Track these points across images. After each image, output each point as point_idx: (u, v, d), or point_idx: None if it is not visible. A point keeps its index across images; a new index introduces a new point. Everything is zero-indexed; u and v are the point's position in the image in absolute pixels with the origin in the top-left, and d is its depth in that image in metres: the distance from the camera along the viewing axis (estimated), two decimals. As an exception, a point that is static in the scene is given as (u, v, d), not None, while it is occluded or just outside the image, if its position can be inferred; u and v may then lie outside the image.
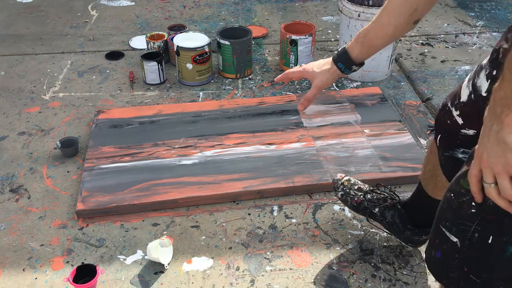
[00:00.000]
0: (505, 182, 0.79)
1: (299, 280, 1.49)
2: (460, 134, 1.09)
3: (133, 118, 2.13)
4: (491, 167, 0.81)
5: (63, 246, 1.61)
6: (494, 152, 0.79)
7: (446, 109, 1.11)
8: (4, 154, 2.00)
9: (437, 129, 1.18)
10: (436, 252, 0.94)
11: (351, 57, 1.15)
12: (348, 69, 1.18)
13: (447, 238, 0.90)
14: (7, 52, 2.76)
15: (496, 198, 0.82)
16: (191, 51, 2.34)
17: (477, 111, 0.94)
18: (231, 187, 1.76)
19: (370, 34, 1.13)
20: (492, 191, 0.82)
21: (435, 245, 0.95)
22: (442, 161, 1.17)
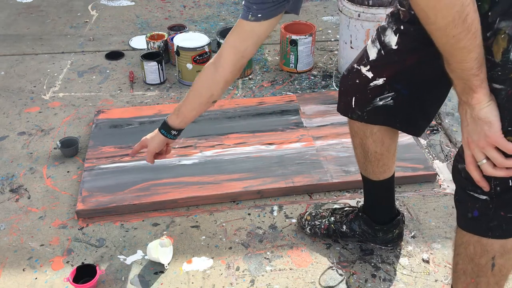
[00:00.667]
0: (492, 152, 0.91)
1: (299, 280, 1.49)
2: (370, 87, 1.21)
3: (133, 118, 2.13)
4: (476, 145, 0.92)
5: (63, 246, 1.61)
6: (473, 131, 0.92)
7: (353, 71, 1.25)
8: (4, 154, 2.00)
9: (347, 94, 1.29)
10: (473, 212, 1.02)
11: (170, 125, 1.41)
12: (169, 134, 1.43)
13: (477, 199, 1.00)
14: (7, 52, 2.76)
15: (493, 172, 0.93)
16: (191, 51, 2.34)
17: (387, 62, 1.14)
18: (231, 187, 1.76)
19: (182, 109, 1.38)
20: (486, 166, 0.93)
21: (469, 208, 1.03)
22: (366, 116, 1.26)
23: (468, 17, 0.80)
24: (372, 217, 1.53)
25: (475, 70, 0.86)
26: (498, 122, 0.89)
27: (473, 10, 0.80)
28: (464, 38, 0.82)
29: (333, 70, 2.58)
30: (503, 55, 0.84)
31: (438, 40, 0.86)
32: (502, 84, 0.87)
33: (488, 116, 0.89)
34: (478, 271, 1.06)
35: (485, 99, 0.89)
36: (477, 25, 0.82)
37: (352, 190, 1.81)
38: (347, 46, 2.41)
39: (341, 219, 1.59)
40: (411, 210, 1.73)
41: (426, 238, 1.63)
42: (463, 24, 0.80)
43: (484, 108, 0.89)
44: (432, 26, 0.83)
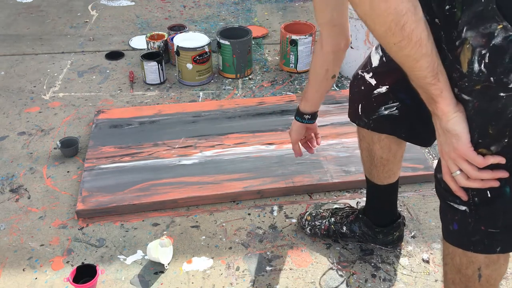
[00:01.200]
0: (464, 165, 0.90)
1: (299, 280, 1.49)
2: (374, 95, 1.22)
3: (133, 118, 2.13)
4: (448, 157, 0.91)
5: (63, 246, 1.61)
6: (444, 143, 0.91)
7: (358, 77, 1.26)
8: (4, 154, 2.00)
9: (354, 101, 1.30)
10: (453, 225, 1.00)
11: (301, 111, 1.42)
12: (304, 119, 1.44)
13: (456, 210, 0.98)
14: (7, 52, 2.76)
15: (467, 183, 0.92)
16: (191, 51, 2.34)
17: (387, 69, 1.12)
18: (231, 187, 1.76)
19: (306, 93, 1.38)
20: (460, 178, 0.92)
21: (449, 220, 1.01)
22: (372, 124, 1.27)
23: (406, 26, 0.79)
24: (373, 219, 1.53)
25: (430, 79, 0.84)
26: (465, 135, 0.87)
27: (413, 19, 0.79)
28: (406, 46, 0.81)
29: (333, 70, 2.57)
30: (468, 66, 0.82)
31: (385, 48, 0.85)
32: (469, 96, 0.85)
33: (455, 129, 0.88)
34: (466, 281, 1.05)
35: (451, 110, 0.87)
36: (420, 34, 0.80)
37: (352, 190, 1.81)
38: (347, 46, 2.41)
39: (341, 220, 1.59)
40: (411, 210, 1.73)
41: (426, 238, 1.63)
42: (401, 32, 0.79)
43: (450, 119, 0.87)
44: (374, 33, 0.83)
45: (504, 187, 0.91)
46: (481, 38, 0.79)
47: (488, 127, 0.85)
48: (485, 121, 0.85)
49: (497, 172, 0.89)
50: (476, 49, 0.80)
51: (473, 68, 0.81)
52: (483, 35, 0.78)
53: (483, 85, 0.82)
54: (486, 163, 0.88)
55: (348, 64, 2.46)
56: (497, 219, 0.94)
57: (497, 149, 0.87)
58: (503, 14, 0.76)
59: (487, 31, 0.78)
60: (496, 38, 0.77)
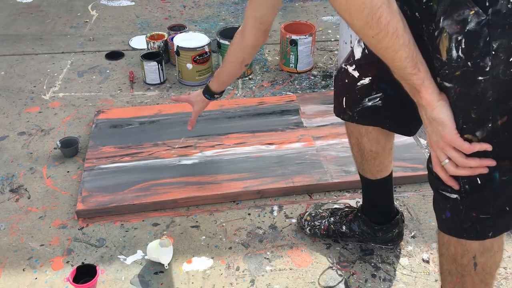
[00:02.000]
0: (452, 152, 0.91)
1: (299, 280, 1.49)
2: (357, 87, 1.23)
3: (133, 118, 2.13)
4: (437, 146, 0.93)
5: (63, 246, 1.61)
6: (432, 132, 0.93)
7: (342, 71, 1.27)
8: (4, 154, 2.00)
9: (339, 95, 1.31)
10: (445, 213, 1.02)
11: (211, 90, 1.63)
12: (212, 97, 1.65)
13: (447, 198, 1.00)
14: (7, 52, 2.76)
15: (456, 171, 0.93)
16: (191, 51, 2.34)
17: (370, 61, 1.13)
18: (231, 187, 1.77)
19: (219, 74, 1.57)
20: (449, 166, 0.93)
21: (442, 209, 1.03)
22: (356, 117, 1.28)
23: (382, 19, 0.82)
24: (371, 217, 1.53)
25: (410, 69, 0.87)
26: (451, 121, 0.90)
27: (388, 11, 0.82)
28: (384, 38, 0.83)
29: (333, 70, 2.58)
30: (447, 53, 0.85)
31: (365, 42, 0.88)
32: (450, 83, 0.88)
33: (440, 117, 0.90)
34: (462, 270, 1.06)
35: (434, 99, 0.89)
36: (396, 25, 0.83)
37: (352, 190, 1.81)
38: (347, 46, 2.41)
39: (341, 219, 1.59)
40: (411, 210, 1.73)
41: (426, 238, 1.63)
42: (377, 25, 0.82)
43: (435, 108, 0.90)
44: (352, 27, 0.86)
45: (493, 172, 0.92)
46: (456, 25, 0.81)
47: (470, 111, 0.87)
48: (468, 106, 0.87)
49: (484, 160, 0.90)
50: (452, 36, 0.82)
51: (452, 55, 0.84)
52: (458, 22, 0.81)
53: (462, 70, 0.84)
54: (473, 149, 0.89)
55: (348, 64, 2.46)
56: (488, 205, 0.96)
57: (482, 134, 0.89)
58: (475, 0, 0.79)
59: (461, 17, 0.81)
60: (469, 24, 0.80)
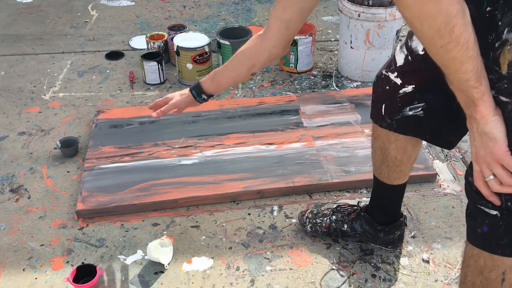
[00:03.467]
0: (498, 170, 0.89)
1: (299, 280, 1.49)
2: (399, 94, 1.19)
3: (133, 118, 2.13)
4: (483, 161, 0.90)
5: (63, 246, 1.61)
6: (480, 147, 0.90)
7: (382, 77, 1.23)
8: (4, 154, 2.00)
9: (378, 101, 1.28)
10: (482, 228, 0.99)
11: (203, 89, 1.38)
12: (199, 97, 1.41)
13: (487, 214, 0.96)
14: (7, 52, 2.76)
15: (500, 188, 0.90)
16: (191, 51, 2.34)
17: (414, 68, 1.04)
18: (231, 187, 1.76)
19: (219, 75, 1.34)
20: (493, 183, 0.91)
21: (478, 224, 1.00)
22: (395, 125, 1.25)
23: (456, 28, 0.78)
24: (376, 217, 1.52)
25: (473, 82, 0.84)
26: (503, 138, 0.87)
27: (462, 22, 0.78)
28: (453, 49, 0.80)
29: (333, 70, 2.58)
30: (508, 67, 0.81)
31: (429, 51, 0.84)
32: (508, 98, 0.85)
33: (492, 132, 0.87)
34: (488, 284, 1.03)
35: (490, 114, 0.86)
36: (468, 36, 0.80)
37: (352, 190, 1.81)
38: (347, 46, 2.41)
39: (343, 218, 1.58)
40: (411, 210, 1.73)
41: (426, 238, 1.63)
42: (450, 35, 0.79)
43: (489, 123, 0.87)
44: (419, 34, 0.82)
45: None
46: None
47: None
48: None
49: None
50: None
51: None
52: None
53: None
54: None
55: (348, 64, 2.46)
56: None
57: None
58: None
59: None
60: None
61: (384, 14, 2.23)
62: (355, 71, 2.45)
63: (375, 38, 2.31)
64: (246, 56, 1.27)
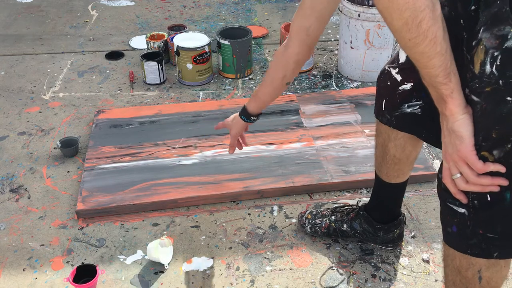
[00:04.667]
0: (464, 168, 0.90)
1: (299, 280, 1.49)
2: (399, 91, 1.20)
3: (133, 118, 2.13)
4: (451, 159, 0.91)
5: (63, 246, 1.61)
6: (449, 144, 0.90)
7: (385, 72, 1.24)
8: (4, 154, 2.00)
9: (379, 97, 1.29)
10: (452, 227, 1.00)
11: (248, 111, 1.46)
12: (249, 120, 1.48)
13: (455, 212, 0.97)
14: (7, 52, 2.76)
15: (465, 187, 0.91)
16: (191, 51, 2.34)
17: (413, 66, 1.05)
18: (231, 187, 1.76)
19: (258, 93, 1.41)
20: (459, 181, 0.92)
21: (448, 222, 1.01)
22: (394, 121, 1.26)
23: (423, 23, 0.79)
24: (375, 215, 1.52)
25: (441, 78, 0.85)
26: (470, 137, 0.87)
27: (430, 16, 0.78)
28: (421, 43, 0.81)
29: (333, 70, 2.58)
30: (480, 67, 0.82)
31: (399, 43, 0.85)
32: (478, 97, 0.85)
33: (460, 130, 0.88)
34: (467, 283, 1.04)
35: (459, 111, 0.87)
36: (436, 31, 0.80)
37: (352, 190, 1.81)
38: (347, 46, 2.41)
39: (342, 217, 1.59)
40: (411, 210, 1.73)
41: (426, 238, 1.63)
42: (417, 28, 0.79)
43: (457, 120, 0.87)
44: (390, 27, 0.83)
45: (505, 192, 0.90)
46: (495, 40, 0.79)
47: (492, 130, 0.85)
48: (491, 124, 0.85)
49: (496, 179, 0.89)
50: (489, 51, 0.80)
51: (485, 70, 0.81)
52: (497, 37, 0.78)
53: (493, 87, 0.81)
54: (486, 169, 0.88)
55: (348, 64, 2.46)
56: (496, 224, 0.94)
57: (499, 154, 0.87)
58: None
59: (501, 33, 0.78)
60: (509, 41, 0.77)
61: (384, 14, 2.23)
62: (355, 71, 2.45)
63: (375, 38, 2.31)
64: (276, 68, 1.31)
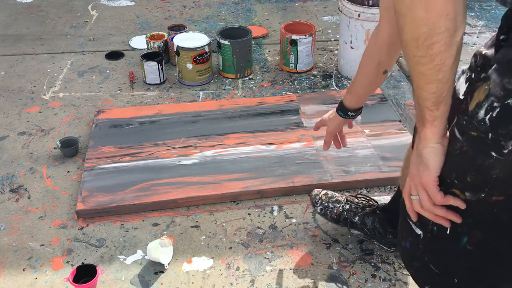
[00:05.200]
0: (422, 194, 0.86)
1: (299, 280, 1.49)
2: None
3: (133, 118, 2.13)
4: (412, 180, 0.88)
5: (63, 246, 1.61)
6: (414, 164, 0.86)
7: None
8: (4, 154, 2.00)
9: None
10: (406, 243, 0.98)
11: (345, 105, 1.36)
12: (347, 115, 1.38)
13: (412, 230, 0.95)
14: (7, 52, 2.76)
15: (420, 210, 0.88)
16: (191, 51, 2.34)
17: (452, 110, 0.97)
18: (231, 187, 1.76)
19: (354, 86, 1.31)
20: (416, 203, 0.88)
21: (403, 237, 0.99)
22: None
23: (435, 46, 0.72)
24: (389, 219, 1.50)
25: (430, 104, 0.78)
26: (435, 169, 0.83)
27: (446, 42, 0.71)
28: (424, 64, 0.74)
29: (333, 70, 2.58)
30: (475, 107, 0.76)
31: (403, 50, 0.80)
32: (461, 136, 0.79)
33: (428, 158, 0.83)
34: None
35: (433, 139, 0.81)
36: (446, 59, 0.73)
37: (352, 190, 1.81)
38: (347, 46, 2.41)
39: (356, 210, 1.55)
40: (411, 210, 1.73)
41: (426, 238, 1.63)
42: (426, 49, 0.73)
43: (428, 147, 0.82)
44: (400, 32, 0.77)
45: (462, 235, 0.86)
46: (501, 89, 0.72)
47: (468, 174, 0.80)
48: (467, 168, 0.80)
49: (450, 213, 0.85)
50: (490, 97, 0.74)
51: (478, 113, 0.75)
52: (504, 88, 0.72)
53: (479, 135, 0.76)
54: (444, 202, 0.84)
55: (348, 64, 2.46)
56: (441, 259, 0.91)
57: (471, 197, 0.82)
58: None
59: (509, 86, 0.71)
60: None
61: (384, 14, 2.23)
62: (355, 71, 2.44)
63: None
64: (369, 56, 1.22)
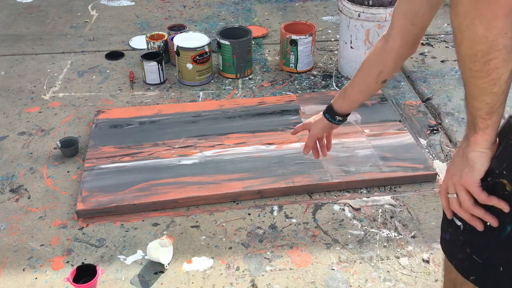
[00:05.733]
0: (462, 193, 0.86)
1: (299, 280, 1.49)
2: None
3: (133, 118, 2.13)
4: (451, 179, 0.87)
5: (63, 246, 1.61)
6: (456, 165, 0.87)
7: None
8: (4, 154, 2.00)
9: None
10: (446, 234, 0.98)
11: (334, 109, 1.28)
12: (334, 119, 1.30)
13: (452, 222, 0.94)
14: (7, 52, 2.76)
15: (457, 209, 0.88)
16: (191, 51, 2.34)
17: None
18: (231, 187, 1.76)
19: (348, 91, 1.25)
20: (454, 201, 0.88)
21: (444, 229, 0.99)
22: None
23: (493, 62, 0.73)
24: None
25: (483, 113, 0.80)
26: (481, 172, 0.84)
27: (504, 58, 0.73)
28: (480, 78, 0.76)
29: (333, 70, 2.58)
30: None
31: (458, 63, 0.80)
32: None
33: (475, 161, 0.84)
34: None
35: (483, 144, 0.83)
36: (502, 74, 0.74)
37: (352, 190, 1.81)
38: (347, 46, 2.41)
39: None
40: (411, 210, 1.73)
41: (426, 238, 1.63)
42: (483, 65, 0.74)
43: (476, 151, 0.84)
44: (456, 47, 0.77)
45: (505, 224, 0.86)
46: None
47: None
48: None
49: (488, 215, 0.85)
50: None
51: None
52: None
53: None
54: (487, 202, 0.84)
55: (348, 64, 2.46)
56: (484, 250, 0.90)
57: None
58: None
59: None
60: None
61: (384, 14, 2.23)
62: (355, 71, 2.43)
63: (375, 38, 2.30)
64: (372, 63, 1.16)
